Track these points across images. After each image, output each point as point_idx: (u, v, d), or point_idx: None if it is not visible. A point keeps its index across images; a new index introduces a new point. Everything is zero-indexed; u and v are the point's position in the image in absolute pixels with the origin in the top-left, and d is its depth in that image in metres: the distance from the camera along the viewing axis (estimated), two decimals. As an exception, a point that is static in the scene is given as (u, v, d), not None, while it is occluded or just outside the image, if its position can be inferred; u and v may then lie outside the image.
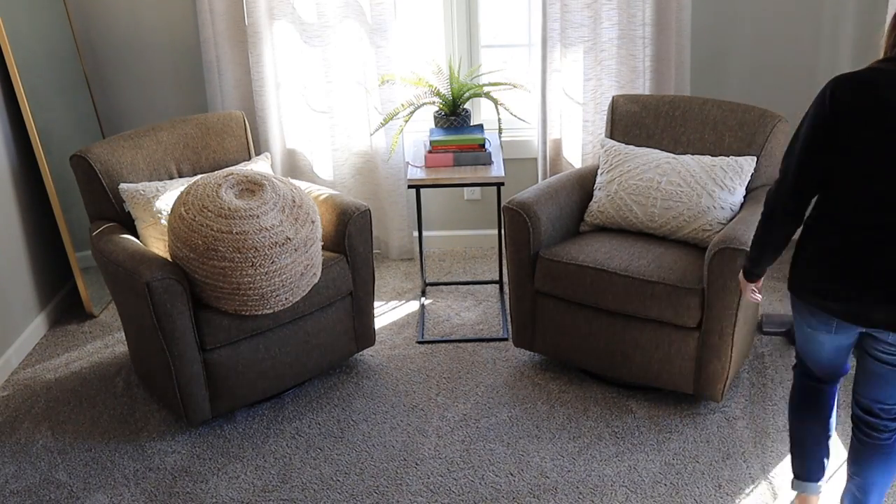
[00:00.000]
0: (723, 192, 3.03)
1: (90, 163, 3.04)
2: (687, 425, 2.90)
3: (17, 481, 2.77)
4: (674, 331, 2.86)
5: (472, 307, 3.75)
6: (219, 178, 2.83)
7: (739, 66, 3.97)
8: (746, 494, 2.58)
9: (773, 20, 3.89)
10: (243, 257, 2.68)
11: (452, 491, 2.65)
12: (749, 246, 2.31)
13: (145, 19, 3.91)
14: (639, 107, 3.38)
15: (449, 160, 3.59)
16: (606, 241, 3.11)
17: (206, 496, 2.68)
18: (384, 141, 3.94)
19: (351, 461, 2.80)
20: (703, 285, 2.79)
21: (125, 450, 2.90)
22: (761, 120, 3.12)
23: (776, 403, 2.99)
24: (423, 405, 3.08)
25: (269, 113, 3.90)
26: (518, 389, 3.14)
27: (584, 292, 2.97)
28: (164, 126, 3.29)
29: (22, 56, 3.45)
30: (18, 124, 3.51)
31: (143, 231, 3.04)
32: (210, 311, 2.79)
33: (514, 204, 3.06)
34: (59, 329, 3.70)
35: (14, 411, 3.14)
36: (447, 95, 3.73)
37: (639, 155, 3.23)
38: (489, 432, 2.91)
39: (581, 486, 2.64)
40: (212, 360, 2.84)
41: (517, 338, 3.23)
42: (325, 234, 3.15)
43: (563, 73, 3.83)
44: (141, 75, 4.01)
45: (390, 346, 3.47)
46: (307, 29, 3.81)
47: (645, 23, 3.71)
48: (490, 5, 4.20)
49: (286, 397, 3.15)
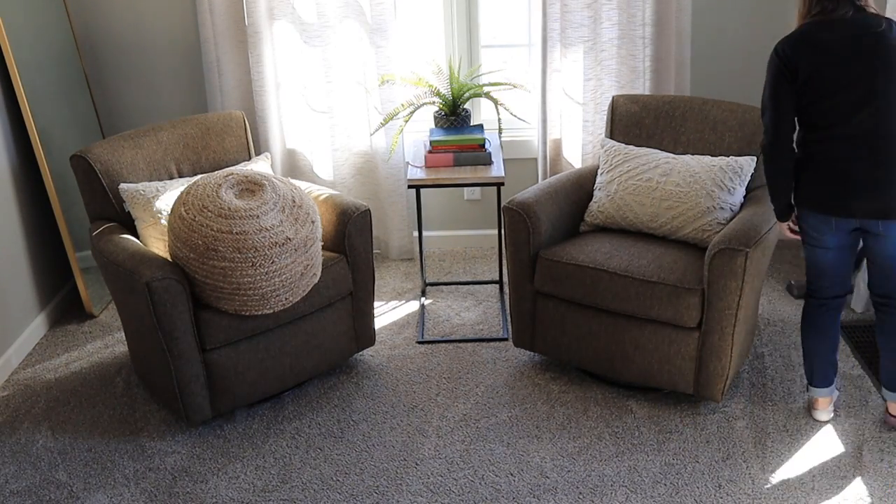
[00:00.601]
0: (723, 192, 3.03)
1: (90, 163, 3.04)
2: (687, 425, 2.90)
3: (17, 481, 2.77)
4: (674, 331, 2.86)
5: (472, 307, 3.75)
6: (219, 178, 2.83)
7: (739, 66, 3.98)
8: (746, 494, 2.58)
9: (773, 20, 3.89)
10: (243, 257, 2.68)
11: (452, 491, 2.65)
12: (769, 196, 2.75)
13: (145, 19, 3.91)
14: (639, 107, 3.38)
15: (449, 160, 3.59)
16: (606, 241, 3.11)
17: (206, 496, 2.68)
18: (384, 141, 3.94)
19: (351, 461, 2.80)
20: (703, 285, 2.79)
21: (125, 450, 2.90)
22: (761, 120, 3.12)
23: (776, 403, 2.99)
24: (423, 405, 3.08)
25: (269, 113, 3.90)
26: (518, 389, 3.14)
27: (584, 292, 2.97)
28: (164, 126, 3.29)
29: (22, 56, 3.45)
30: (18, 124, 3.51)
31: (143, 231, 3.04)
32: (210, 311, 2.79)
33: (514, 204, 3.06)
34: (59, 329, 3.70)
35: (14, 411, 3.14)
36: (447, 95, 3.73)
37: (639, 155, 3.23)
38: (489, 432, 2.91)
39: (581, 486, 2.64)
40: (212, 360, 2.84)
41: (517, 338, 3.23)
42: (325, 234, 3.15)
43: (563, 73, 3.83)
44: (141, 75, 4.01)
45: (390, 346, 3.47)
46: (307, 29, 3.81)
47: (645, 23, 3.72)
48: (490, 5, 4.20)
49: (286, 397, 3.15)
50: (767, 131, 2.62)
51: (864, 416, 2.90)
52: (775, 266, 4.00)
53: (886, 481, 2.60)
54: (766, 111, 2.62)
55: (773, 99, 2.59)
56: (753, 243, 2.70)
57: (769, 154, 2.64)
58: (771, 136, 2.62)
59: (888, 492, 2.56)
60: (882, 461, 2.68)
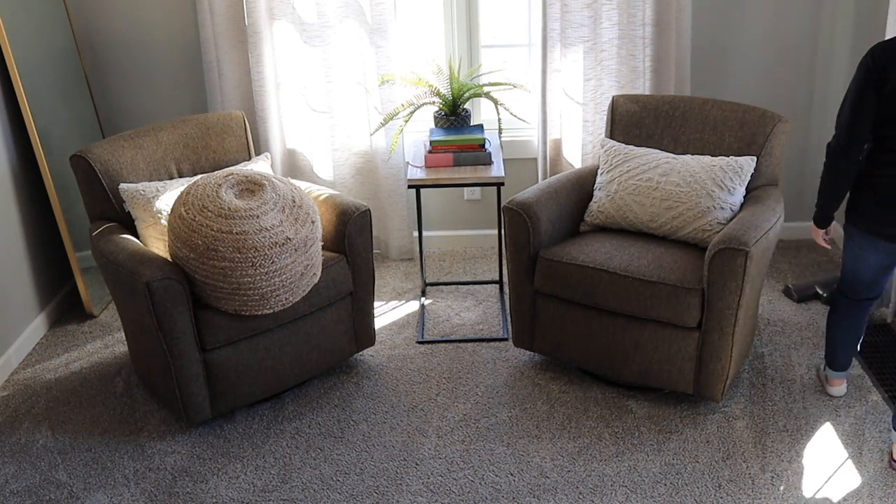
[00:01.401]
0: (723, 192, 3.03)
1: (90, 163, 3.04)
2: (687, 425, 2.90)
3: (17, 481, 2.77)
4: (674, 331, 2.86)
5: (472, 307, 3.75)
6: (219, 178, 2.83)
7: (739, 66, 3.98)
8: (746, 494, 2.58)
9: (773, 20, 3.89)
10: (243, 257, 2.68)
11: (452, 491, 2.65)
12: (817, 197, 2.74)
13: (145, 19, 3.91)
14: (639, 107, 3.38)
15: (449, 160, 3.59)
16: (606, 241, 3.11)
17: (206, 496, 2.68)
18: (384, 141, 3.94)
19: (351, 461, 2.80)
20: (703, 285, 2.79)
21: (125, 450, 2.90)
22: (761, 120, 3.13)
23: (776, 403, 2.99)
24: (423, 405, 3.08)
25: (269, 113, 3.90)
26: (518, 389, 3.14)
27: (584, 292, 2.97)
28: (164, 126, 3.29)
29: (22, 56, 3.45)
30: (18, 124, 3.51)
31: (143, 231, 3.04)
32: (210, 311, 2.79)
33: (514, 204, 3.06)
34: (59, 329, 3.70)
35: (14, 411, 3.14)
36: (447, 95, 3.73)
37: (639, 155, 3.23)
38: (489, 432, 2.91)
39: (581, 486, 2.64)
40: (212, 360, 2.84)
41: (517, 338, 3.23)
42: (325, 234, 3.15)
43: (563, 73, 3.83)
44: (141, 75, 4.01)
45: (390, 346, 3.47)
46: (307, 29, 3.81)
47: (645, 23, 3.72)
48: (490, 5, 4.20)
49: (286, 397, 3.15)
50: (840, 133, 2.55)
51: (864, 416, 2.90)
52: (775, 266, 4.00)
53: (886, 481, 2.60)
54: (843, 112, 2.54)
55: (854, 102, 2.50)
56: (753, 243, 2.70)
57: (835, 157, 2.58)
58: (843, 140, 2.54)
59: (888, 492, 2.56)
60: (882, 461, 2.69)
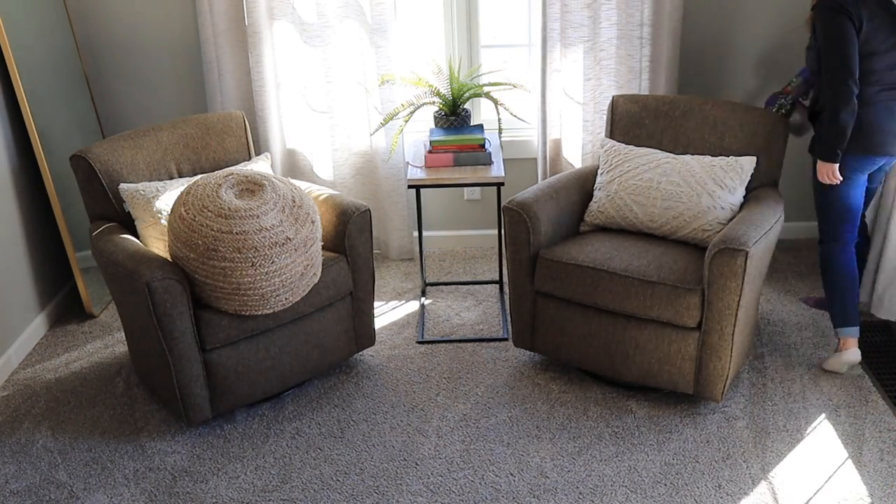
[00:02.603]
0: (723, 192, 3.03)
1: (90, 163, 3.04)
2: (687, 425, 2.90)
3: (17, 481, 2.77)
4: (674, 331, 2.86)
5: (472, 307, 3.75)
6: (219, 178, 2.83)
7: (739, 66, 3.98)
8: (746, 494, 2.58)
9: (772, 20, 3.89)
10: (243, 257, 2.68)
11: (452, 491, 2.65)
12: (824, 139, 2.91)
13: (145, 19, 3.91)
14: (639, 107, 3.38)
15: (449, 160, 3.59)
16: (606, 241, 3.11)
17: (206, 496, 2.68)
18: (384, 141, 3.94)
19: (351, 461, 2.80)
20: (703, 285, 2.79)
21: (125, 450, 2.90)
22: (761, 120, 3.13)
23: (776, 403, 2.99)
24: (423, 405, 3.08)
25: (269, 113, 3.90)
26: (518, 389, 3.14)
27: (584, 292, 2.97)
28: (164, 126, 3.29)
29: (22, 56, 3.45)
30: (18, 124, 3.51)
31: (143, 231, 3.04)
32: (210, 311, 2.79)
33: (514, 204, 3.06)
34: (59, 329, 3.70)
35: (14, 411, 3.14)
36: (447, 95, 3.73)
37: (639, 155, 3.23)
38: (489, 432, 2.91)
39: (581, 486, 2.64)
40: (212, 360, 2.84)
41: (517, 338, 3.23)
42: (325, 234, 3.15)
43: (562, 73, 3.83)
44: (141, 75, 4.01)
45: (390, 346, 3.47)
46: (307, 29, 3.81)
47: (643, 23, 3.72)
48: (490, 5, 4.20)
49: (286, 397, 3.15)
50: (840, 67, 2.78)
51: (864, 416, 2.90)
52: (775, 266, 4.00)
53: (886, 481, 2.60)
54: (836, 51, 2.78)
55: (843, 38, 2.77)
56: (753, 243, 2.70)
57: (846, 94, 2.79)
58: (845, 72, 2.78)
59: (888, 492, 2.56)
60: (882, 461, 2.69)
